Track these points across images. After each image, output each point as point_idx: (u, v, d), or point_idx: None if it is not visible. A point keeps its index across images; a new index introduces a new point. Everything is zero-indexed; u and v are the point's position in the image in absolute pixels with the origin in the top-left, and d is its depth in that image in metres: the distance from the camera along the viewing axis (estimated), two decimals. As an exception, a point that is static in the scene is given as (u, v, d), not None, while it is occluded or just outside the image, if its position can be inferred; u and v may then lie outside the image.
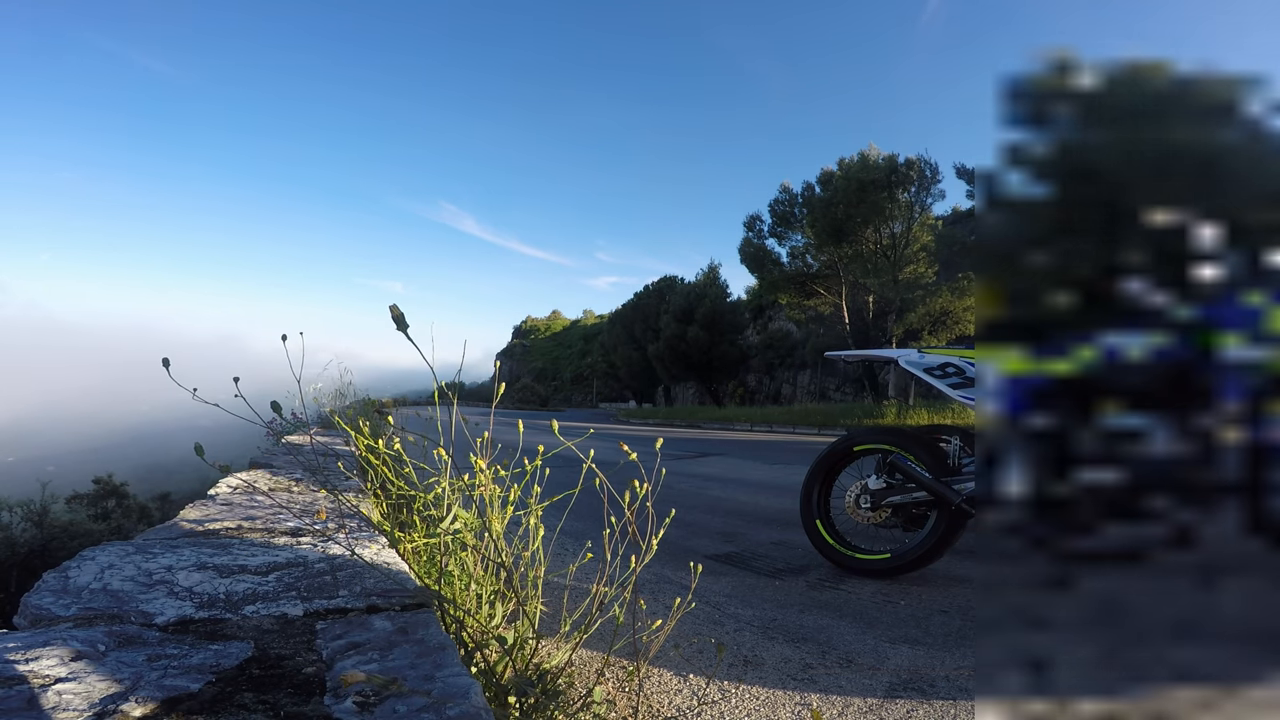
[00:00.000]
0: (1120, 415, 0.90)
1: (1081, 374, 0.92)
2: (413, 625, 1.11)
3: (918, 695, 1.55)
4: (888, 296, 17.43)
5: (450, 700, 0.84)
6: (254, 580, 1.33)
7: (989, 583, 0.88)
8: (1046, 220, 1.01)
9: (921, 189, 17.13)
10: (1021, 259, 0.99)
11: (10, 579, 7.49)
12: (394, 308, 1.01)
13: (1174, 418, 0.88)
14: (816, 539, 2.67)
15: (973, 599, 2.25)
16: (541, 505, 1.43)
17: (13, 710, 0.75)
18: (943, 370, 2.46)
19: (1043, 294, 0.96)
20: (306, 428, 4.07)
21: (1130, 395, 0.90)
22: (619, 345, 31.63)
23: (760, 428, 14.07)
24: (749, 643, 1.89)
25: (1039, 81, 1.00)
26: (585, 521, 3.56)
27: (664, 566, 2.70)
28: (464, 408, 1.51)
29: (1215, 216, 0.88)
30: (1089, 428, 0.91)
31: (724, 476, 5.74)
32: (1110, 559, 0.89)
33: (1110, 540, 0.90)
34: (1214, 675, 0.75)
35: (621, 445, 1.20)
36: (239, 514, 2.01)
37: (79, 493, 11.00)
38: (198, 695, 0.83)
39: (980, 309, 0.98)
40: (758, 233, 19.98)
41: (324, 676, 0.91)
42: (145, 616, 1.10)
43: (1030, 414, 0.92)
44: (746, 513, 4.00)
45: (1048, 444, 0.91)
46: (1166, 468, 0.88)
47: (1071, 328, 0.94)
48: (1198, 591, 0.87)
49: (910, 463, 2.46)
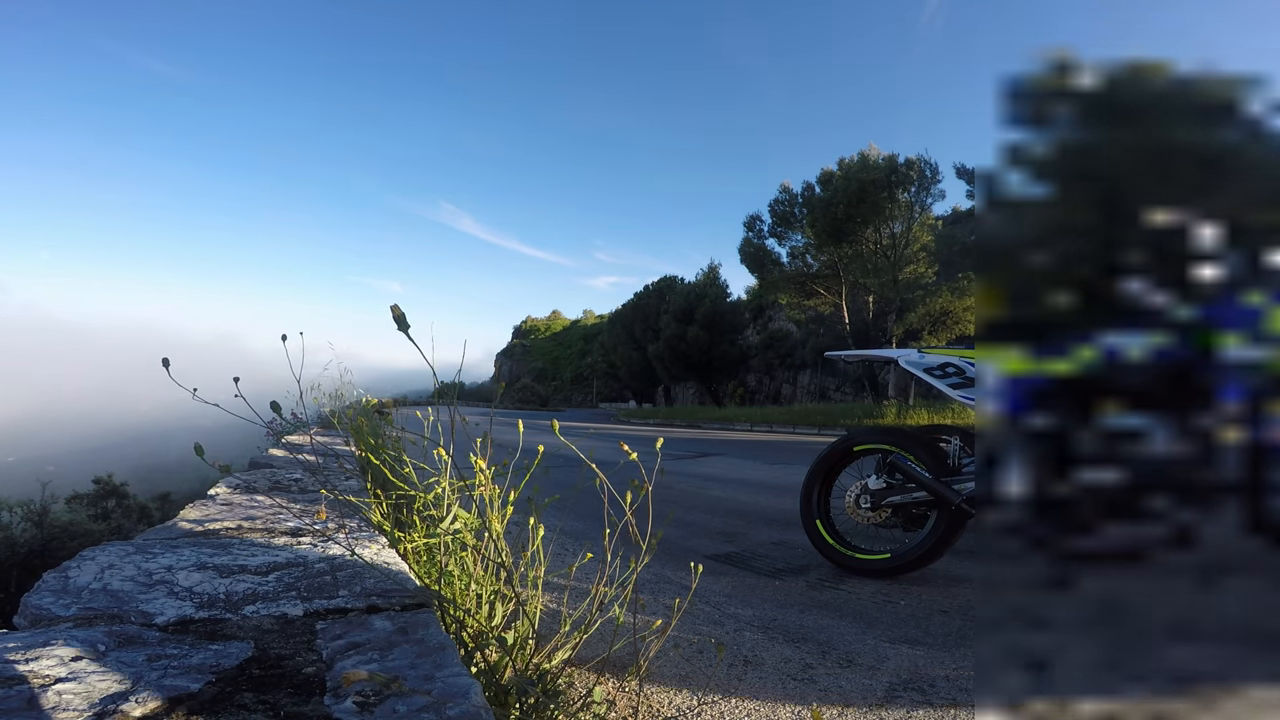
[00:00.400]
0: (1120, 415, 0.90)
1: (1081, 374, 0.92)
2: (413, 625, 1.11)
3: (918, 695, 1.55)
4: (888, 296, 17.43)
5: (450, 700, 0.84)
6: (254, 580, 1.33)
7: (989, 583, 0.88)
8: (1046, 220, 1.01)
9: (921, 189, 17.14)
10: (1021, 259, 0.99)
11: (10, 579, 7.49)
12: (395, 307, 1.01)
13: (1174, 418, 0.88)
14: (816, 539, 2.67)
15: (973, 599, 2.25)
16: (542, 505, 1.43)
17: (13, 710, 0.75)
18: (943, 370, 2.46)
19: (1043, 294, 0.96)
20: (306, 428, 4.07)
21: (1130, 395, 0.90)
22: (619, 345, 31.64)
23: (760, 428, 14.08)
24: (749, 643, 1.89)
25: (1039, 81, 1.00)
26: (585, 521, 3.56)
27: (664, 566, 2.70)
28: (464, 408, 1.51)
29: (1215, 216, 0.89)
30: (1089, 428, 0.91)
31: (724, 476, 5.74)
32: (1110, 559, 0.89)
33: (1110, 540, 0.90)
34: (1214, 675, 0.75)
35: (621, 445, 1.20)
36: (239, 514, 2.01)
37: (79, 493, 11.00)
38: (198, 695, 0.83)
39: (980, 309, 0.98)
40: (758, 233, 19.99)
41: (324, 676, 0.91)
42: (145, 616, 1.10)
43: (1030, 414, 0.92)
44: (746, 513, 4.00)
45: (1048, 444, 0.91)
46: (1166, 468, 0.87)
47: (1071, 328, 0.94)
48: (1198, 591, 0.87)
49: (910, 463, 2.46)
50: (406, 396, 12.84)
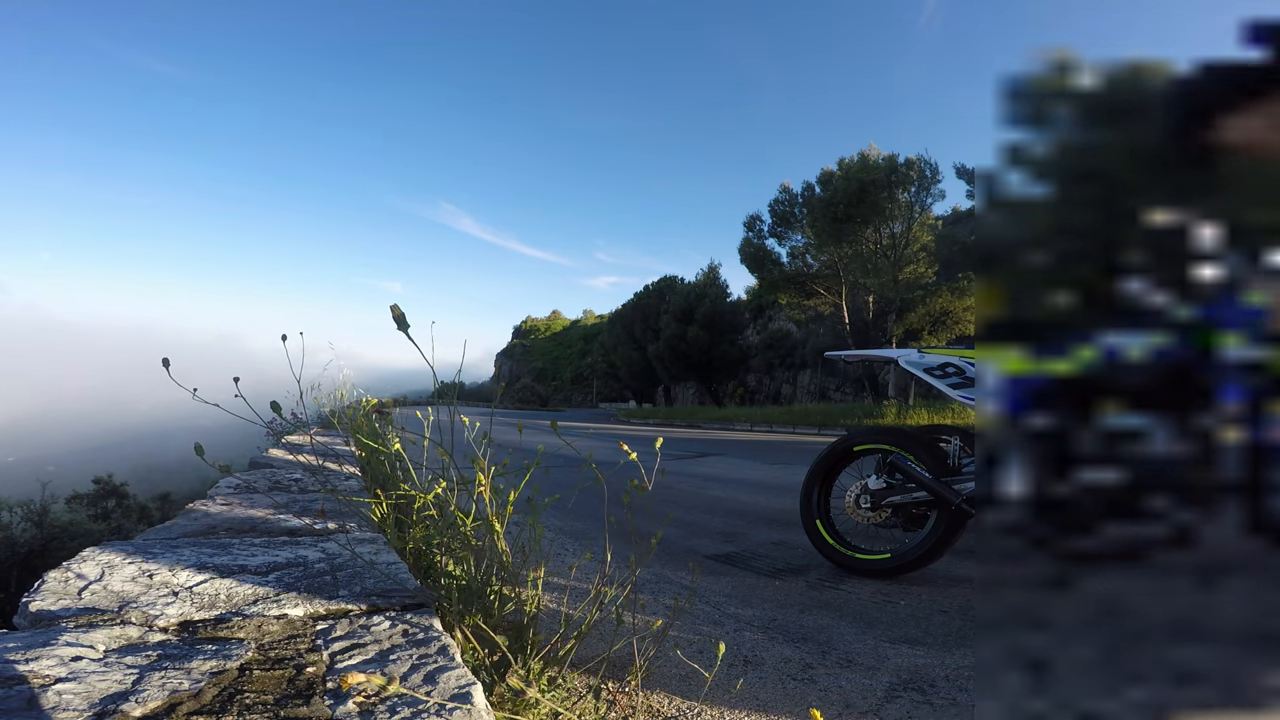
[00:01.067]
0: (1120, 415, 0.90)
1: (1081, 374, 0.92)
2: (413, 626, 1.12)
3: (918, 695, 1.55)
4: (888, 296, 17.43)
5: (450, 700, 0.84)
6: (254, 580, 1.33)
7: (989, 583, 0.88)
8: (1046, 220, 1.01)
9: (921, 189, 17.14)
10: (1021, 259, 0.99)
11: (10, 579, 7.49)
12: (395, 308, 1.01)
13: (1174, 418, 0.88)
14: (816, 539, 2.67)
15: (973, 599, 2.25)
16: (542, 505, 1.43)
17: (13, 710, 0.75)
18: (943, 370, 2.46)
19: (1043, 294, 0.96)
20: (306, 428, 4.07)
21: (1130, 395, 0.90)
22: (619, 345, 31.64)
23: (760, 428, 14.08)
24: (749, 643, 1.89)
25: (1039, 81, 1.00)
26: (585, 521, 3.56)
27: (664, 566, 2.70)
28: (464, 408, 1.51)
29: (1215, 216, 0.89)
30: (1089, 428, 0.91)
31: (724, 476, 5.74)
32: (1110, 559, 0.89)
33: (1110, 540, 0.90)
34: (1214, 675, 0.75)
35: (621, 445, 1.20)
36: (239, 514, 2.01)
37: (79, 493, 11.00)
38: (198, 695, 0.83)
39: (980, 309, 0.98)
40: (758, 233, 19.99)
41: (324, 676, 0.91)
42: (145, 617, 1.10)
43: (1030, 414, 0.92)
44: (746, 513, 4.00)
45: (1048, 444, 0.91)
46: (1166, 468, 0.87)
47: (1071, 328, 0.94)
48: (1198, 591, 0.87)
49: (910, 463, 2.46)
50: (406, 396, 12.84)
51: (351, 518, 2.00)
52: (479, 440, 1.50)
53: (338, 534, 1.79)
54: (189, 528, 1.78)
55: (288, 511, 2.06)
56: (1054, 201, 1.02)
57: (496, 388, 5.69)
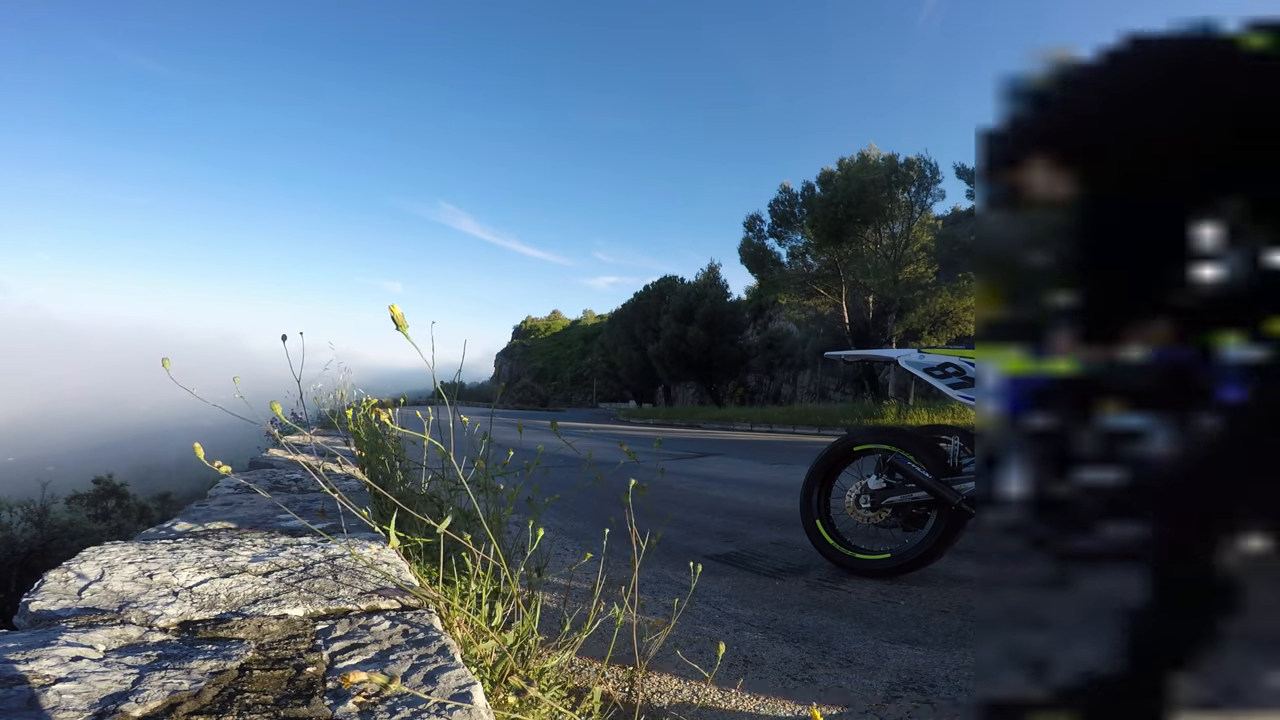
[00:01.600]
0: (1120, 415, 0.90)
1: (1081, 374, 0.92)
2: (413, 625, 1.12)
3: (918, 695, 1.55)
4: (888, 296, 17.43)
5: (451, 700, 0.84)
6: (254, 580, 1.33)
7: (989, 583, 0.88)
8: (1046, 220, 1.01)
9: (921, 189, 17.14)
10: (1021, 259, 0.99)
11: (10, 579, 7.49)
12: (394, 308, 1.01)
13: (1174, 418, 0.88)
14: (816, 539, 2.67)
15: (973, 599, 2.25)
16: (542, 505, 1.43)
17: (13, 710, 0.75)
18: (943, 370, 2.46)
19: (1043, 294, 0.96)
20: (306, 428, 4.07)
21: (1130, 395, 0.90)
22: (619, 345, 31.64)
23: (760, 428, 14.07)
24: (749, 642, 1.89)
25: (1038, 81, 1.00)
26: (585, 521, 3.56)
27: (664, 566, 2.70)
28: (464, 408, 1.51)
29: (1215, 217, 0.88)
30: (1089, 428, 0.91)
31: (724, 476, 5.74)
32: (1110, 559, 0.89)
33: (1110, 540, 0.90)
34: (1214, 676, 0.75)
35: (621, 445, 1.20)
36: (239, 514, 2.01)
37: (79, 493, 11.00)
38: (198, 695, 0.83)
39: (980, 309, 0.98)
40: (758, 233, 19.99)
41: (324, 676, 0.91)
42: (145, 617, 1.10)
43: (1030, 414, 0.92)
44: (746, 513, 4.00)
45: (1048, 444, 0.91)
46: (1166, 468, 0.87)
47: None
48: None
49: (910, 463, 2.46)
50: (406, 396, 12.84)
51: (351, 518, 2.00)
52: (479, 440, 1.50)
53: (338, 534, 1.79)
54: (189, 528, 1.78)
55: (288, 511, 2.06)
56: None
57: (496, 388, 5.63)
